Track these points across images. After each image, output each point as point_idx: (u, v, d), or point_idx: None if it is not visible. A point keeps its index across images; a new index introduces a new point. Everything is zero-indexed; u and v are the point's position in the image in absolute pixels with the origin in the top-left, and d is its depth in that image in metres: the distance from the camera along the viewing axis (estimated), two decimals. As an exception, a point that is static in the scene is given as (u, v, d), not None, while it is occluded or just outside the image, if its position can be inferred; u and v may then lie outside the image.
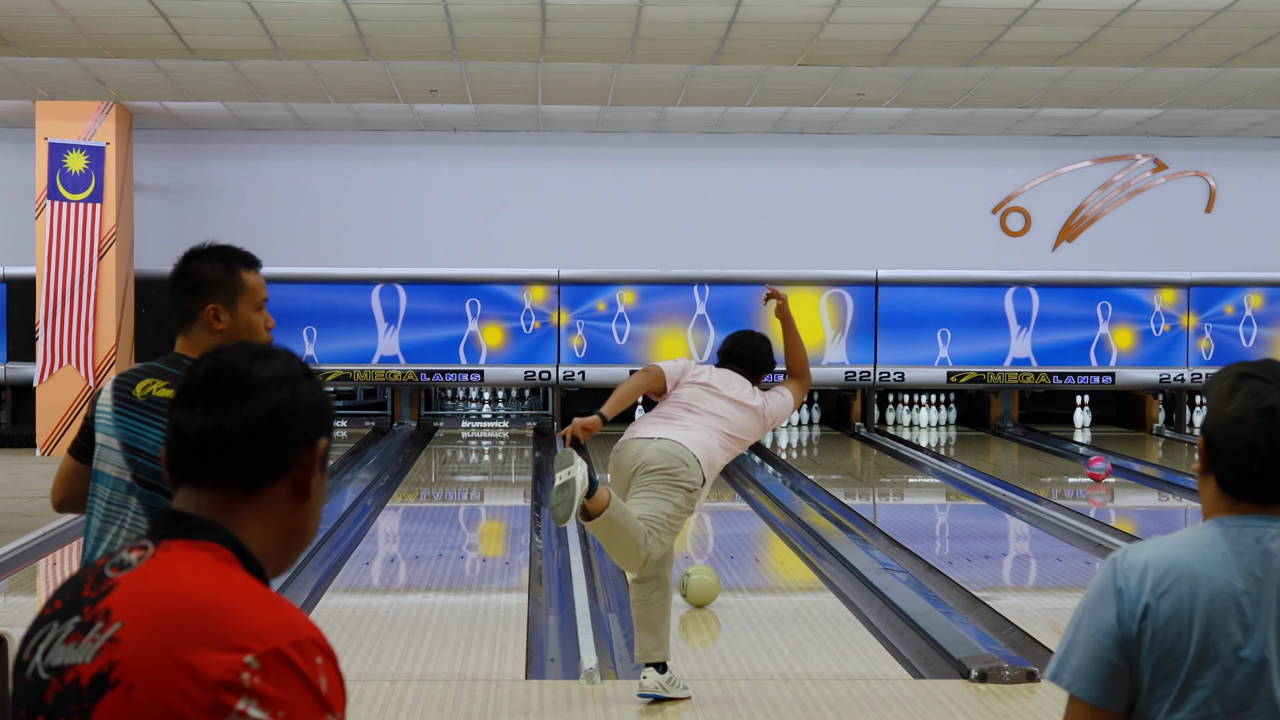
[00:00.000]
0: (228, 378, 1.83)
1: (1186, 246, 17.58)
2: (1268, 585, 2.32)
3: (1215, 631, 2.31)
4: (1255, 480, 2.37)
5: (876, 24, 11.21)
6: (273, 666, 1.67)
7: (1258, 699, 2.30)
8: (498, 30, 11.42)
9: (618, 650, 7.19)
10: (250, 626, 1.69)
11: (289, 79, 13.69)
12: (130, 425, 3.50)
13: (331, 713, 1.70)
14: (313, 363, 16.77)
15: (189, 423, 1.83)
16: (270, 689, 1.66)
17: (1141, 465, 14.76)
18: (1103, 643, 2.34)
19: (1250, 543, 2.35)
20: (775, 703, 6.18)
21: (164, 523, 1.83)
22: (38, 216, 15.60)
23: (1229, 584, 2.32)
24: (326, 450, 1.89)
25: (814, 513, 11.41)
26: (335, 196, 17.06)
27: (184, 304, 3.75)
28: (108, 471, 3.50)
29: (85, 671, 1.71)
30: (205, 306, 3.73)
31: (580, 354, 17.10)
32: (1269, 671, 2.31)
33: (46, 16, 11.08)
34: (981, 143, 17.40)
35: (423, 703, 6.12)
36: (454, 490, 13.33)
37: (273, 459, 1.84)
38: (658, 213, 17.25)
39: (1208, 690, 2.30)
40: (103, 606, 1.74)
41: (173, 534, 1.81)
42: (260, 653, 1.67)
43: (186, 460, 1.85)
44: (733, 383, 6.46)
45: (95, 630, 1.73)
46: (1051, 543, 10.32)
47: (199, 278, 3.79)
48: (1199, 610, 2.32)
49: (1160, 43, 11.74)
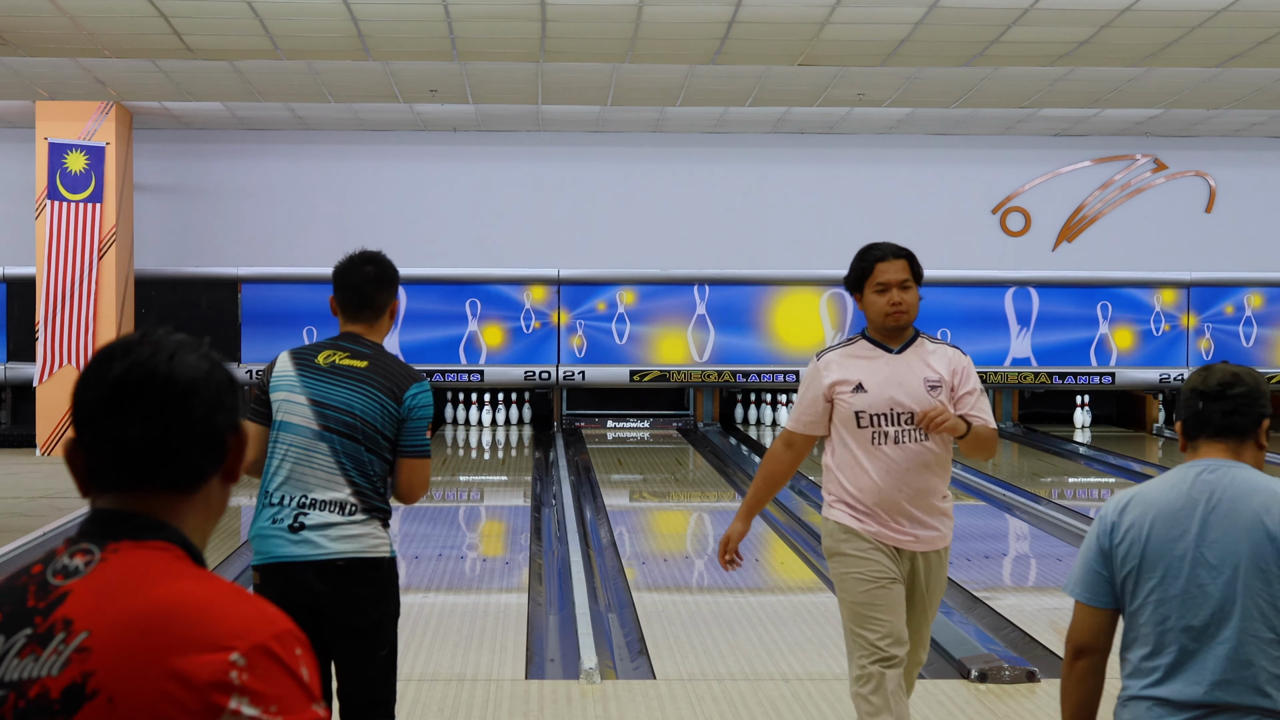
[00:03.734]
0: (156, 383, 1.78)
1: (1186, 246, 17.58)
2: (1200, 505, 3.11)
3: (1159, 538, 3.13)
4: (1203, 418, 3.19)
5: (876, 24, 11.21)
6: (259, 662, 1.66)
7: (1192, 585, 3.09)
8: (498, 30, 11.42)
9: (618, 650, 7.19)
10: (229, 624, 1.67)
11: (289, 79, 13.69)
12: (317, 385, 4.33)
13: (316, 702, 1.70)
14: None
15: (125, 432, 1.77)
16: (260, 684, 1.65)
17: (1141, 465, 14.76)
18: (1089, 557, 3.23)
19: (1193, 476, 3.16)
20: (775, 702, 6.18)
21: (105, 524, 1.77)
22: (38, 216, 15.59)
23: (1171, 504, 3.14)
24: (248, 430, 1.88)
25: (814, 513, 11.40)
26: (335, 196, 17.05)
27: (380, 298, 4.46)
28: (294, 421, 4.30)
29: (54, 685, 1.66)
30: (394, 301, 4.51)
31: (580, 354, 17.10)
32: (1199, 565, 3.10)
33: (46, 16, 11.07)
34: (981, 143, 17.40)
35: (422, 703, 6.12)
36: (454, 490, 13.33)
37: (213, 456, 1.83)
38: (658, 213, 17.25)
39: (1155, 580, 3.13)
40: (58, 616, 1.70)
41: (116, 535, 1.76)
42: (245, 649, 1.66)
43: (123, 469, 1.79)
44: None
45: (57, 642, 1.68)
46: (1051, 543, 10.32)
47: (395, 276, 4.52)
48: (1148, 523, 3.15)
49: (1160, 43, 11.74)
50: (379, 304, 4.45)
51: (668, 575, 9.09)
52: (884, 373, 4.82)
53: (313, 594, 4.25)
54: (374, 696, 4.35)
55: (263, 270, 16.86)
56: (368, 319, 4.45)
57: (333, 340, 4.45)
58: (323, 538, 4.24)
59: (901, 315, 4.83)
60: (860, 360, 4.86)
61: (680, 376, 17.21)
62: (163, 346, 1.80)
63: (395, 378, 4.35)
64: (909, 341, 4.91)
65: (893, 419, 4.78)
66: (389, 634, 4.37)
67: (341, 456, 4.27)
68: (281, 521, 4.27)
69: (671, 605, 8.12)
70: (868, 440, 4.79)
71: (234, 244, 16.91)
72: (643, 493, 13.04)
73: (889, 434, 4.78)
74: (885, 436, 4.77)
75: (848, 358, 4.88)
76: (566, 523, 10.66)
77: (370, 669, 4.34)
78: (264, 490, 4.35)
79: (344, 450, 4.27)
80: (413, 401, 4.34)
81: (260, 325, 16.77)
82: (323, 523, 4.25)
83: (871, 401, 4.78)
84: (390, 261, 4.53)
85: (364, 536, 4.27)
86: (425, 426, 4.39)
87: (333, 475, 4.27)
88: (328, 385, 4.32)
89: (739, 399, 17.89)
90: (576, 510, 11.33)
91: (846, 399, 4.81)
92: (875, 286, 4.84)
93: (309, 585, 4.24)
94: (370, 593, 4.29)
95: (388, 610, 4.36)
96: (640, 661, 6.92)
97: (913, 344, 4.90)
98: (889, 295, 4.83)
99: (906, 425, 4.78)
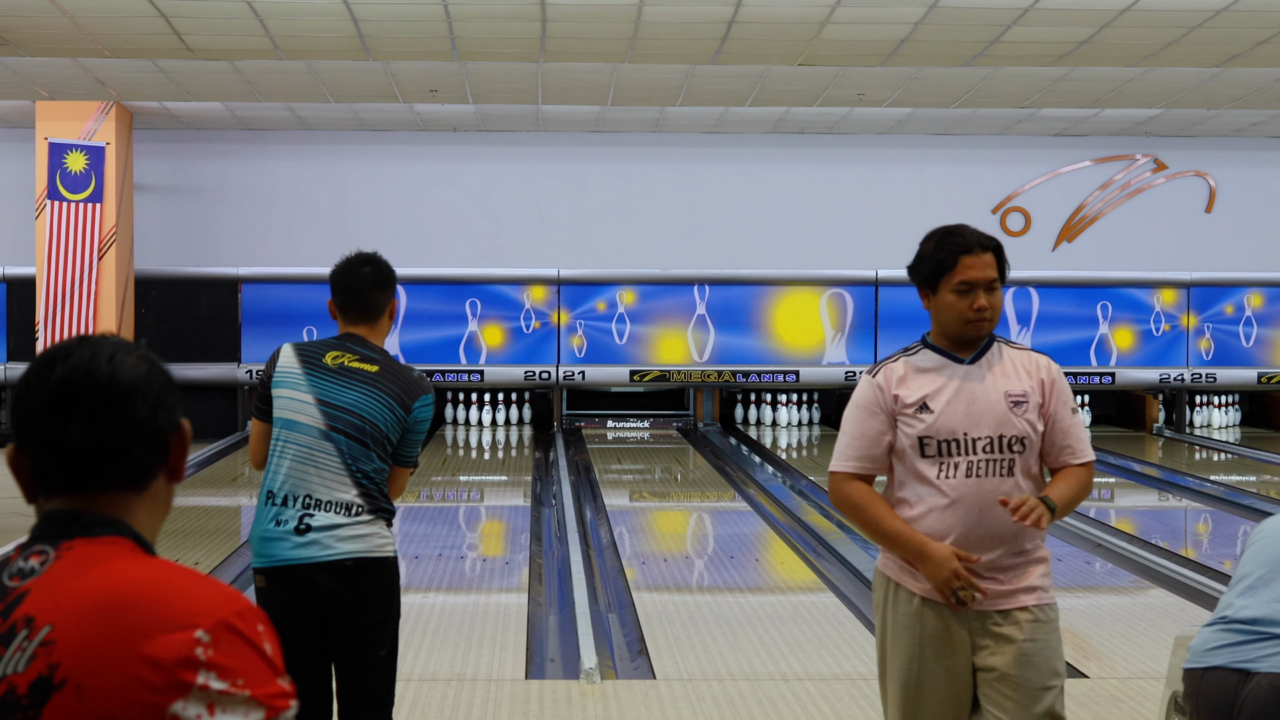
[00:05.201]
0: (96, 384, 1.82)
1: (1186, 246, 17.58)
2: None
3: None
4: None
5: (876, 24, 11.21)
6: (223, 638, 1.69)
7: None
8: (498, 30, 11.42)
9: (617, 650, 7.19)
10: (191, 603, 1.71)
11: (289, 79, 13.69)
12: (325, 385, 4.34)
13: (281, 675, 1.73)
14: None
15: (70, 434, 1.80)
16: (225, 659, 1.68)
17: (1142, 465, 14.75)
18: None
19: None
20: (775, 702, 6.18)
21: (56, 524, 1.80)
22: (38, 216, 15.59)
23: None
24: (189, 428, 1.90)
25: (814, 513, 11.40)
26: (335, 196, 17.05)
27: (378, 298, 4.50)
28: (299, 420, 4.30)
29: (21, 680, 1.68)
30: (393, 301, 4.56)
31: (580, 354, 17.10)
32: None
33: (46, 16, 11.07)
34: (981, 143, 17.40)
35: (422, 703, 6.12)
36: (454, 490, 13.32)
37: (159, 454, 1.86)
38: (658, 213, 17.25)
39: None
40: (19, 615, 1.72)
41: (69, 534, 1.79)
42: (208, 626, 1.69)
43: (70, 470, 1.81)
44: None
45: (20, 639, 1.70)
46: (1051, 543, 10.31)
47: (392, 276, 4.55)
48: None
49: (1160, 43, 11.74)
50: (378, 304, 4.48)
51: (668, 575, 9.09)
52: (954, 388, 3.90)
53: (322, 595, 4.25)
54: (373, 696, 4.37)
55: (263, 270, 16.86)
56: (368, 320, 4.49)
57: (338, 340, 4.46)
58: (330, 538, 4.24)
59: (985, 324, 3.92)
60: (926, 374, 3.94)
61: (680, 376, 17.20)
62: (102, 349, 1.85)
63: (406, 386, 4.41)
64: (984, 348, 3.98)
65: (966, 446, 3.86)
66: (391, 634, 4.40)
67: (348, 458, 4.29)
68: (286, 523, 4.25)
69: (671, 605, 8.11)
70: (933, 473, 3.86)
71: (234, 244, 16.90)
72: (643, 493, 13.03)
73: (960, 465, 3.86)
74: (954, 468, 3.85)
75: (911, 370, 3.95)
76: (566, 523, 10.66)
77: (371, 669, 4.36)
78: (265, 490, 4.37)
79: (350, 452, 4.30)
80: (419, 414, 4.42)
81: (260, 325, 16.77)
82: (329, 524, 4.24)
83: (940, 425, 3.86)
84: (386, 262, 4.55)
85: (371, 536, 4.30)
86: (423, 438, 4.48)
87: (339, 476, 4.29)
88: (336, 386, 4.34)
89: (739, 399, 17.89)
90: (576, 510, 11.33)
91: (909, 422, 3.89)
92: (957, 286, 3.92)
93: (319, 586, 4.24)
94: (379, 591, 4.32)
95: (393, 610, 4.39)
96: (640, 661, 6.92)
97: (988, 351, 3.98)
98: (973, 298, 3.91)
99: (985, 454, 3.85)
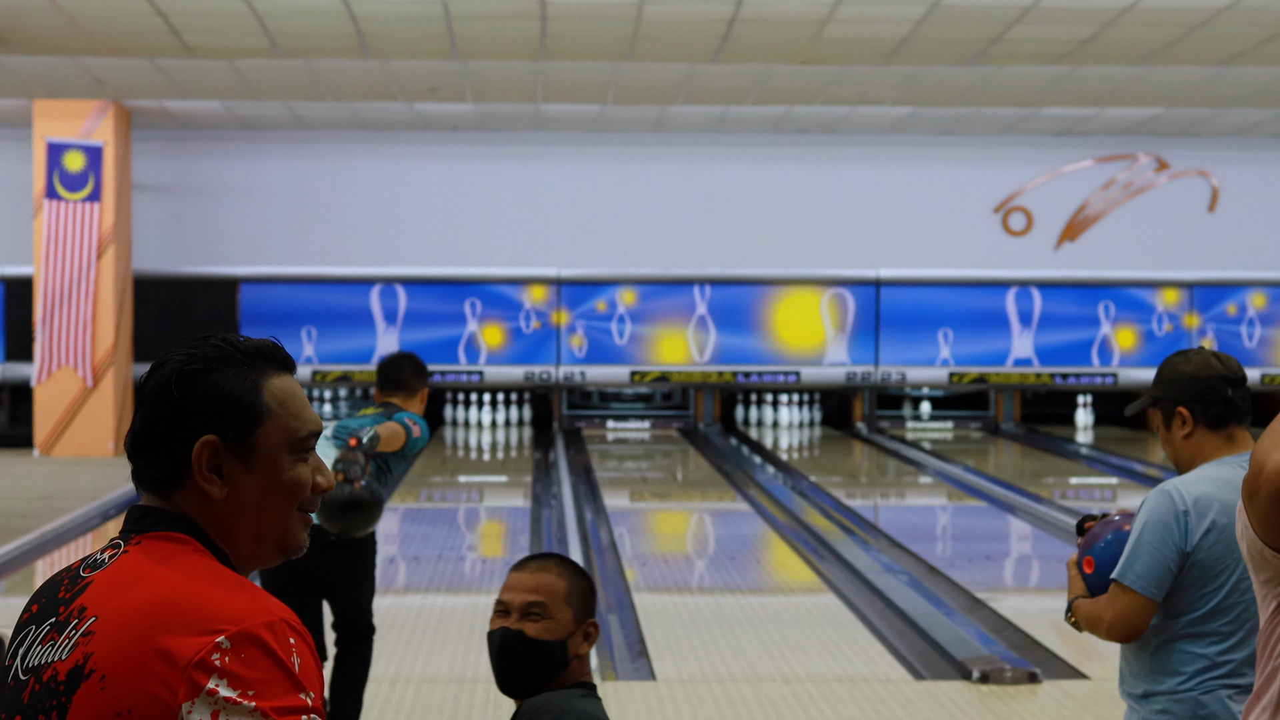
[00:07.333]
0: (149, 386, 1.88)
1: (1189, 246, 17.54)
2: None
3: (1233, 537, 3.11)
4: (1234, 405, 3.25)
5: (878, 22, 11.17)
6: (243, 647, 1.70)
7: None
8: (497, 29, 11.38)
9: (618, 651, 7.16)
10: (222, 610, 1.72)
11: (288, 78, 13.65)
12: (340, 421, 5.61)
13: (304, 691, 1.72)
14: (312, 363, 16.75)
15: (132, 434, 1.89)
16: (240, 668, 1.69)
17: (1144, 466, 14.71)
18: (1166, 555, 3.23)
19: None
20: (776, 703, 6.14)
21: (133, 520, 1.86)
22: (35, 216, 15.55)
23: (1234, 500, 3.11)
24: (217, 447, 1.83)
25: (815, 513, 11.37)
26: (334, 196, 17.01)
27: (411, 381, 5.69)
28: None
29: (62, 668, 1.75)
30: (425, 388, 5.74)
31: (580, 354, 17.06)
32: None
33: (44, 15, 11.04)
34: (983, 142, 17.36)
35: (423, 703, 6.09)
36: (453, 491, 13.29)
37: (164, 461, 1.84)
38: (658, 212, 17.21)
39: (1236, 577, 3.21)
40: (77, 605, 1.78)
41: (141, 529, 1.84)
42: (232, 634, 1.70)
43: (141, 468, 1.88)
44: None
45: (70, 628, 1.77)
46: (1053, 543, 10.28)
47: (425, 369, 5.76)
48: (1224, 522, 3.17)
49: (1163, 42, 11.71)
50: (411, 386, 5.67)
51: (668, 576, 9.06)
52: None
53: None
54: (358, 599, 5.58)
55: (261, 270, 16.83)
56: (401, 396, 5.64)
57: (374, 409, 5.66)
58: None
59: None
60: None
61: (680, 377, 17.17)
62: (167, 355, 1.90)
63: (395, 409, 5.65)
64: None
65: None
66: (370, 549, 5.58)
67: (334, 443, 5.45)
68: None
69: (672, 606, 8.08)
70: None
71: (233, 244, 16.87)
72: (643, 493, 13.00)
73: None
74: None
75: None
76: (566, 523, 10.63)
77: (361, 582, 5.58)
78: None
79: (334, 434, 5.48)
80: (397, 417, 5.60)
81: (259, 325, 16.73)
82: None
83: None
84: (422, 360, 5.77)
85: None
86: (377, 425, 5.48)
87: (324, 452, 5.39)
88: (347, 419, 5.64)
89: (739, 399, 17.86)
90: (576, 511, 11.29)
91: None
92: None
93: None
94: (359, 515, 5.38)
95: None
96: (640, 663, 6.89)
97: None
98: None
99: None
